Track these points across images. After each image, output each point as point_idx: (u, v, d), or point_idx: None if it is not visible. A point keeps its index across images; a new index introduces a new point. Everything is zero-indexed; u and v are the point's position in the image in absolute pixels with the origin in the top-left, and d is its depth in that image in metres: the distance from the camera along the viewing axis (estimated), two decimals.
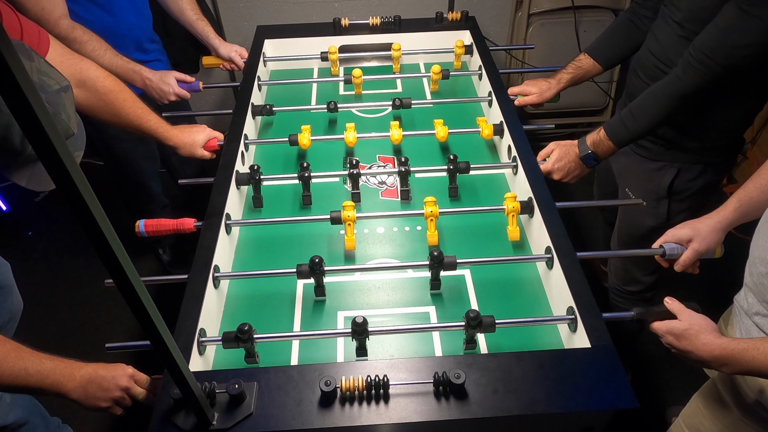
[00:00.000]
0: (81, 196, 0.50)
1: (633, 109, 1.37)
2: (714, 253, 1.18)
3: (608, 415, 0.95)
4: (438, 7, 2.34)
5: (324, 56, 1.93)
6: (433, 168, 1.49)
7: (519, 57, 2.66)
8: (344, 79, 1.83)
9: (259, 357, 1.08)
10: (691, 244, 1.15)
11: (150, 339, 0.67)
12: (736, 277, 1.14)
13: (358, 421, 0.90)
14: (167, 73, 1.77)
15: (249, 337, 1.01)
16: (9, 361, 0.99)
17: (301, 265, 1.16)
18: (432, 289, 1.24)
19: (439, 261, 1.16)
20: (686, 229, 1.16)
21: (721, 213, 1.14)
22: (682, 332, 1.00)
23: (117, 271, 0.58)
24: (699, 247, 1.14)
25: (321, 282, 1.20)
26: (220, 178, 1.41)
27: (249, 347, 1.04)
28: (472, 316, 1.02)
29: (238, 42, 2.62)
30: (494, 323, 1.04)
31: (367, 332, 1.04)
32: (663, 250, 1.18)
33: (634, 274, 1.73)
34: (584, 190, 2.75)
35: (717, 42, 1.20)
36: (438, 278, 1.22)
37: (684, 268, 1.18)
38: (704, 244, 1.14)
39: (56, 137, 0.45)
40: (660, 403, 1.95)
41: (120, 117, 1.38)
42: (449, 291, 1.25)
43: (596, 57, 1.68)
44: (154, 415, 0.91)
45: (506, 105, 1.63)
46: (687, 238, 1.16)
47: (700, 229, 1.15)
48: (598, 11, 2.53)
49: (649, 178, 1.54)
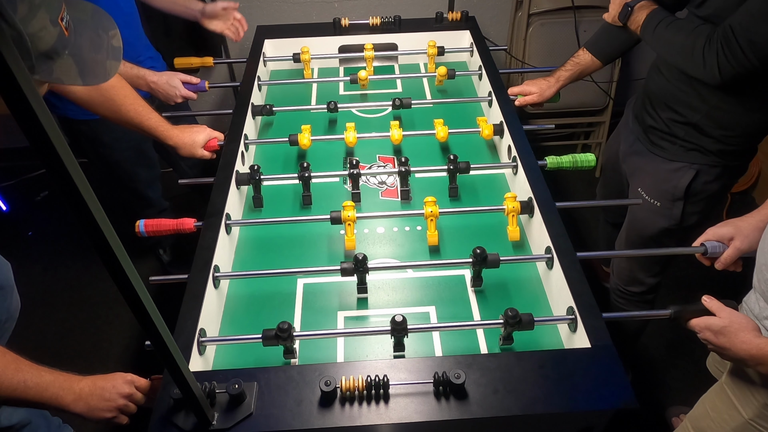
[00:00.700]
0: (81, 196, 0.50)
1: (667, 24, 1.33)
2: (755, 252, 1.18)
3: (608, 415, 0.95)
4: (438, 7, 2.34)
5: (296, 57, 1.91)
6: (433, 168, 1.49)
7: (519, 57, 2.66)
8: (349, 79, 1.82)
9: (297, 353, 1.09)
10: (733, 242, 1.14)
11: (150, 339, 0.67)
12: (740, 278, 1.14)
13: (358, 421, 0.90)
14: (172, 75, 1.76)
15: (289, 335, 1.02)
16: (8, 373, 0.98)
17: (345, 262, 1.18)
18: (473, 286, 1.24)
19: (482, 258, 1.16)
20: (728, 227, 1.15)
21: (762, 212, 1.13)
22: (721, 329, 0.99)
23: (117, 272, 0.58)
24: (741, 246, 1.13)
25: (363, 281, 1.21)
26: (220, 178, 1.41)
27: (288, 345, 1.05)
28: (511, 314, 1.04)
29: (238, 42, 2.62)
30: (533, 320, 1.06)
31: (407, 330, 1.04)
32: (705, 248, 1.17)
33: (637, 276, 1.72)
34: (585, 190, 2.76)
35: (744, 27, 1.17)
36: (480, 275, 1.22)
37: (726, 266, 1.17)
38: (746, 242, 1.13)
39: (56, 137, 0.45)
40: (660, 403, 1.95)
41: (120, 113, 1.38)
42: (449, 291, 1.25)
43: (595, 52, 1.68)
44: (154, 415, 0.91)
45: (506, 105, 1.63)
46: (729, 236, 1.15)
47: (742, 227, 1.14)
48: (598, 11, 2.53)
49: (666, 178, 1.52)
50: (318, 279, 1.28)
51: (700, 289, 1.08)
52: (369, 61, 1.91)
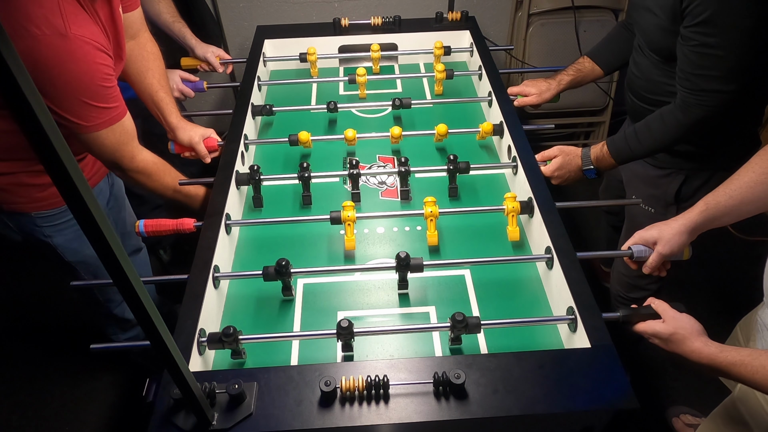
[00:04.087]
0: (80, 195, 0.50)
1: (638, 131, 1.39)
2: (682, 255, 1.19)
3: (608, 415, 0.95)
4: (438, 7, 2.34)
5: (303, 57, 1.92)
6: (433, 168, 1.49)
7: (519, 57, 2.66)
8: (348, 79, 1.82)
9: (245, 353, 1.10)
10: (656, 247, 1.15)
11: (150, 339, 0.67)
12: (741, 284, 1.14)
13: (358, 421, 0.90)
14: (172, 71, 1.79)
15: (234, 339, 1.03)
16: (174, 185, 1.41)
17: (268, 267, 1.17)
18: (399, 290, 1.24)
19: (405, 263, 1.16)
20: (653, 231, 1.16)
21: (687, 216, 1.14)
22: (668, 336, 1.00)
23: (117, 271, 0.58)
24: (663, 250, 1.14)
25: (288, 284, 1.21)
26: (220, 178, 1.41)
27: (235, 347, 1.05)
28: (459, 319, 1.03)
29: (238, 42, 2.62)
30: (479, 323, 1.05)
31: (353, 334, 1.04)
32: (631, 252, 1.19)
33: (638, 282, 1.73)
34: (585, 190, 2.76)
35: (697, 79, 1.25)
36: (405, 279, 1.22)
37: (651, 270, 1.18)
38: (668, 246, 1.13)
39: (55, 137, 0.45)
40: (660, 403, 1.95)
41: (145, 77, 1.51)
42: (449, 291, 1.25)
43: (597, 60, 1.69)
44: (154, 415, 0.91)
45: (506, 105, 1.63)
46: (653, 241, 1.16)
47: (665, 231, 1.14)
48: (598, 11, 2.53)
49: (656, 184, 1.53)
50: (318, 279, 1.28)
51: (704, 292, 1.08)
52: (375, 62, 1.91)
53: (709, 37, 1.20)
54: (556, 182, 1.50)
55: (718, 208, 1.10)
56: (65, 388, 2.06)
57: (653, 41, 1.36)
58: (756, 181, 1.05)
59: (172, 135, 1.55)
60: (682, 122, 1.31)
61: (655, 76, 1.41)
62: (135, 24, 1.47)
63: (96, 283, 1.56)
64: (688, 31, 1.23)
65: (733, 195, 1.08)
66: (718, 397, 1.37)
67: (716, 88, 1.25)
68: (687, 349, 0.97)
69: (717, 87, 1.24)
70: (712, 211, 1.11)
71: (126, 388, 2.06)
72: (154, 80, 1.52)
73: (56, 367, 2.12)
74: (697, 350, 0.96)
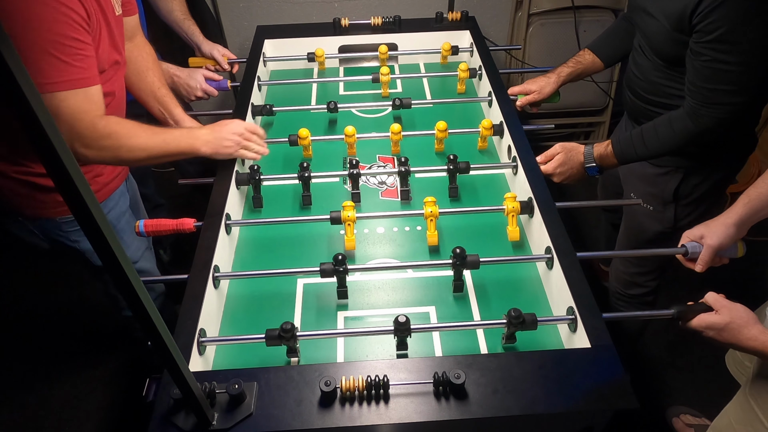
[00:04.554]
0: (80, 195, 0.50)
1: (645, 135, 1.39)
2: (736, 252, 1.19)
3: (608, 415, 0.95)
4: (438, 7, 2.33)
5: (311, 57, 1.92)
6: (433, 168, 1.49)
7: (519, 57, 2.66)
8: (372, 78, 1.82)
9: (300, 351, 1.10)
10: (704, 240, 1.16)
11: (150, 339, 0.67)
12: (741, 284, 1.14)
13: (358, 421, 0.90)
14: (195, 70, 1.83)
15: (292, 335, 1.03)
16: (152, 137, 1.27)
17: (325, 264, 1.17)
18: (455, 291, 1.23)
19: (462, 258, 1.15)
20: (700, 228, 1.17)
21: (732, 210, 1.14)
22: (724, 327, 0.99)
23: (116, 271, 0.58)
24: (712, 243, 1.14)
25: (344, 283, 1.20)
26: (220, 178, 1.41)
27: (292, 345, 1.06)
28: (515, 315, 1.04)
29: (238, 42, 2.62)
30: (536, 320, 1.06)
31: (410, 330, 1.04)
32: (685, 249, 1.19)
33: (637, 279, 1.73)
34: (585, 190, 2.76)
35: (709, 93, 1.25)
36: (461, 278, 1.22)
37: (704, 266, 1.17)
38: (716, 238, 1.13)
39: (56, 137, 0.45)
40: (660, 403, 1.95)
41: (146, 76, 1.52)
42: (449, 291, 1.24)
43: (598, 53, 1.69)
44: (154, 415, 0.91)
45: (506, 105, 1.63)
46: (701, 236, 1.16)
47: (710, 225, 1.15)
48: (598, 11, 2.53)
49: (654, 182, 1.53)
50: (318, 279, 1.28)
51: (703, 289, 1.07)
52: (384, 63, 1.92)
53: (723, 54, 1.20)
54: (557, 180, 1.49)
55: (761, 199, 1.11)
56: (65, 388, 2.06)
57: (657, 47, 1.36)
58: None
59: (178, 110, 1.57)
60: (691, 131, 1.31)
61: (655, 78, 1.41)
62: (132, 28, 1.49)
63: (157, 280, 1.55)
64: (699, 46, 1.22)
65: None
66: (718, 397, 1.37)
67: (728, 101, 1.25)
68: (744, 337, 0.97)
69: (729, 100, 1.25)
70: (755, 202, 1.11)
71: (126, 388, 2.06)
72: (155, 78, 1.53)
73: (56, 367, 2.12)
74: (753, 337, 0.96)
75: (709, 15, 1.17)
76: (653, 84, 1.42)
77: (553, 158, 1.48)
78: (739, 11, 1.15)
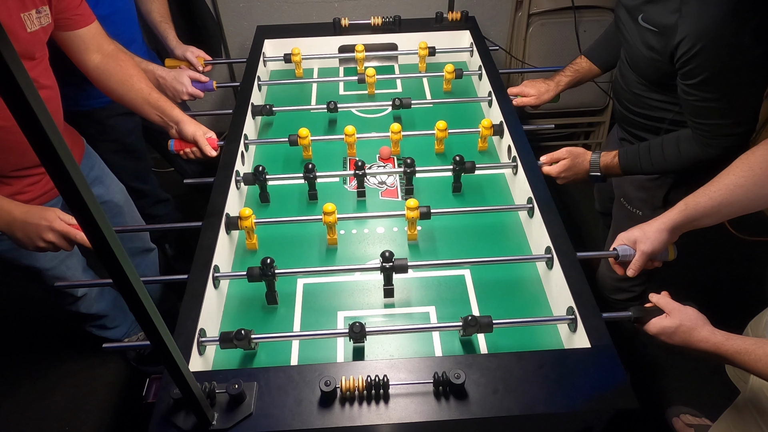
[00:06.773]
0: (80, 195, 0.50)
1: (652, 152, 1.39)
2: (668, 256, 1.19)
3: (608, 415, 0.95)
4: (438, 7, 2.34)
5: (287, 57, 1.91)
6: (437, 168, 1.49)
7: (519, 57, 2.66)
8: (357, 79, 1.82)
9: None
10: (638, 246, 1.15)
11: (150, 339, 0.67)
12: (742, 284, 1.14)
13: (358, 421, 0.90)
14: (181, 72, 1.79)
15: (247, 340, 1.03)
16: None
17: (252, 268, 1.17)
18: (385, 297, 1.22)
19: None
20: (635, 232, 1.16)
21: (667, 215, 1.14)
22: (675, 330, 1.00)
23: (116, 271, 0.58)
24: (645, 248, 1.14)
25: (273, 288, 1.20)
26: (220, 178, 1.41)
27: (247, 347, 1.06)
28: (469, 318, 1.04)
29: (238, 42, 2.62)
30: (491, 323, 1.05)
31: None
32: (616, 252, 1.18)
33: (622, 284, 1.73)
34: (584, 190, 2.76)
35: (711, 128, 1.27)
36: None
37: (636, 272, 1.17)
38: (649, 244, 1.13)
39: (55, 137, 0.45)
40: (660, 403, 1.95)
41: (131, 83, 1.45)
42: (449, 291, 1.25)
43: (594, 59, 1.70)
44: (154, 415, 0.91)
45: (506, 105, 1.63)
46: (635, 240, 1.16)
47: (646, 230, 1.14)
48: (598, 11, 2.53)
49: (645, 188, 1.54)
50: (318, 279, 1.28)
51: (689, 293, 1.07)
52: (360, 63, 1.91)
53: (712, 94, 1.21)
54: (561, 182, 1.51)
55: (698, 209, 1.10)
56: (65, 388, 2.06)
57: (640, 70, 1.36)
58: (736, 184, 1.06)
59: (175, 130, 1.51)
60: (698, 157, 1.32)
61: (639, 91, 1.42)
62: (94, 39, 1.41)
63: (79, 285, 1.58)
64: (687, 86, 1.23)
65: (713, 197, 1.08)
66: (718, 397, 1.37)
67: (732, 132, 1.26)
68: (694, 339, 0.98)
69: (732, 131, 1.26)
70: (691, 211, 1.11)
71: (126, 388, 2.06)
72: (143, 84, 1.47)
73: (56, 367, 2.12)
74: (704, 339, 0.97)
75: (689, 63, 1.19)
76: (637, 96, 1.43)
77: (559, 162, 1.48)
78: (716, 60, 1.16)
